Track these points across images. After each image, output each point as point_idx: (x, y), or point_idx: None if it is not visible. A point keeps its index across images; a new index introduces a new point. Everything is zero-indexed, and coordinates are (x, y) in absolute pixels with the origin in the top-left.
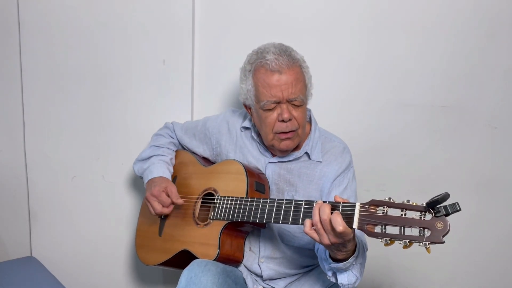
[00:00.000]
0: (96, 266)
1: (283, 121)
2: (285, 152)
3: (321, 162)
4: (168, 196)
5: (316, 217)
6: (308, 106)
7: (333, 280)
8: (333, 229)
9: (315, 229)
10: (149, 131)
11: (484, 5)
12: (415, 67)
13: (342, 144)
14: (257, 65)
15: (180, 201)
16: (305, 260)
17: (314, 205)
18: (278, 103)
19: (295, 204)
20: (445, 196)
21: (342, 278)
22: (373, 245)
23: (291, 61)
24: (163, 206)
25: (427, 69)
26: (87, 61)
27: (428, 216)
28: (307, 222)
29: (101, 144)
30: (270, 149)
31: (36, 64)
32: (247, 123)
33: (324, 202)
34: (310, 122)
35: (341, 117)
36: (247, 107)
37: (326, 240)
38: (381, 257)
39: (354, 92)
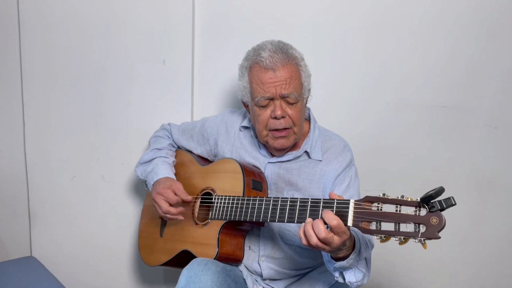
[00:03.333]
0: (96, 266)
1: (275, 118)
2: (281, 151)
3: (321, 161)
4: (175, 194)
5: (313, 239)
6: (308, 106)
7: (341, 280)
8: (332, 230)
9: (314, 246)
10: (149, 131)
11: (484, 5)
12: (415, 67)
13: (343, 142)
14: (252, 62)
15: (188, 197)
16: (306, 261)
17: (306, 222)
18: (272, 99)
19: (290, 202)
20: (440, 191)
21: (349, 277)
22: (373, 245)
23: (286, 58)
24: (170, 205)
25: (427, 69)
26: (87, 61)
27: (423, 212)
28: (303, 236)
29: (101, 144)
30: (268, 148)
31: (36, 64)
32: (246, 122)
33: (318, 199)
34: (309, 120)
35: (341, 117)
36: (245, 104)
37: (327, 249)
38: (380, 258)
39: (355, 92)
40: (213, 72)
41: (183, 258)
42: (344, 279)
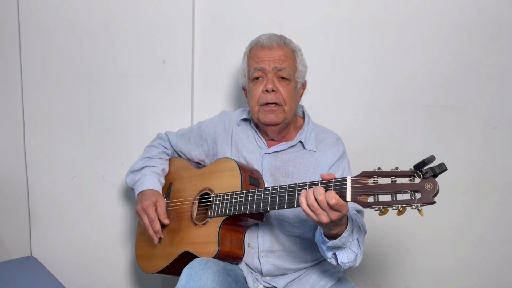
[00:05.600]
0: (96, 266)
1: (267, 91)
2: (273, 128)
3: (315, 151)
4: (156, 212)
5: (311, 198)
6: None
7: (333, 262)
8: (330, 206)
9: (311, 210)
10: (149, 131)
11: (484, 5)
12: (415, 67)
13: (335, 135)
14: (251, 44)
15: (166, 221)
16: (304, 253)
17: (307, 188)
18: (265, 72)
19: (289, 188)
20: (431, 158)
21: (342, 257)
22: (374, 246)
23: (283, 42)
24: (150, 221)
25: (427, 69)
26: (87, 61)
27: (417, 180)
28: (303, 200)
29: (101, 144)
30: (266, 137)
31: (36, 64)
32: (245, 115)
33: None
34: (303, 117)
35: (341, 117)
36: (244, 90)
37: (325, 219)
38: (380, 257)
39: (355, 92)
40: (213, 72)
41: (183, 261)
42: (337, 260)
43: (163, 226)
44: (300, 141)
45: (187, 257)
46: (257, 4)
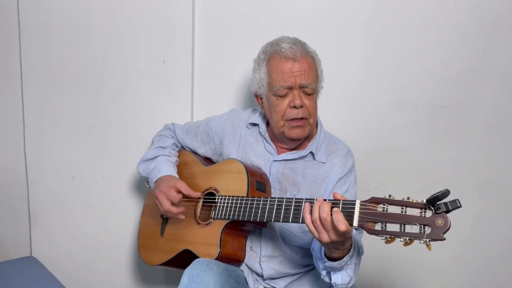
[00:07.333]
0: (96, 266)
1: (294, 107)
2: (295, 142)
3: (324, 163)
4: (179, 192)
5: (315, 214)
6: None
7: (326, 280)
8: (334, 227)
9: (314, 226)
10: (149, 131)
11: (484, 5)
12: (415, 67)
13: (346, 147)
14: (271, 53)
15: (196, 194)
16: (305, 260)
17: (315, 202)
18: (291, 88)
19: (295, 202)
20: (445, 193)
21: (336, 278)
22: (374, 246)
23: (304, 50)
24: (172, 204)
25: (427, 69)
26: (87, 61)
27: (429, 213)
28: (307, 215)
29: (101, 144)
30: (277, 144)
31: (36, 64)
32: (255, 119)
33: (324, 200)
34: (316, 124)
35: (341, 117)
36: (258, 97)
37: (325, 238)
38: (381, 258)
39: (354, 92)
40: (213, 72)
41: (184, 258)
42: (330, 279)
43: (165, 221)
44: (311, 152)
45: (187, 255)
46: (257, 4)
